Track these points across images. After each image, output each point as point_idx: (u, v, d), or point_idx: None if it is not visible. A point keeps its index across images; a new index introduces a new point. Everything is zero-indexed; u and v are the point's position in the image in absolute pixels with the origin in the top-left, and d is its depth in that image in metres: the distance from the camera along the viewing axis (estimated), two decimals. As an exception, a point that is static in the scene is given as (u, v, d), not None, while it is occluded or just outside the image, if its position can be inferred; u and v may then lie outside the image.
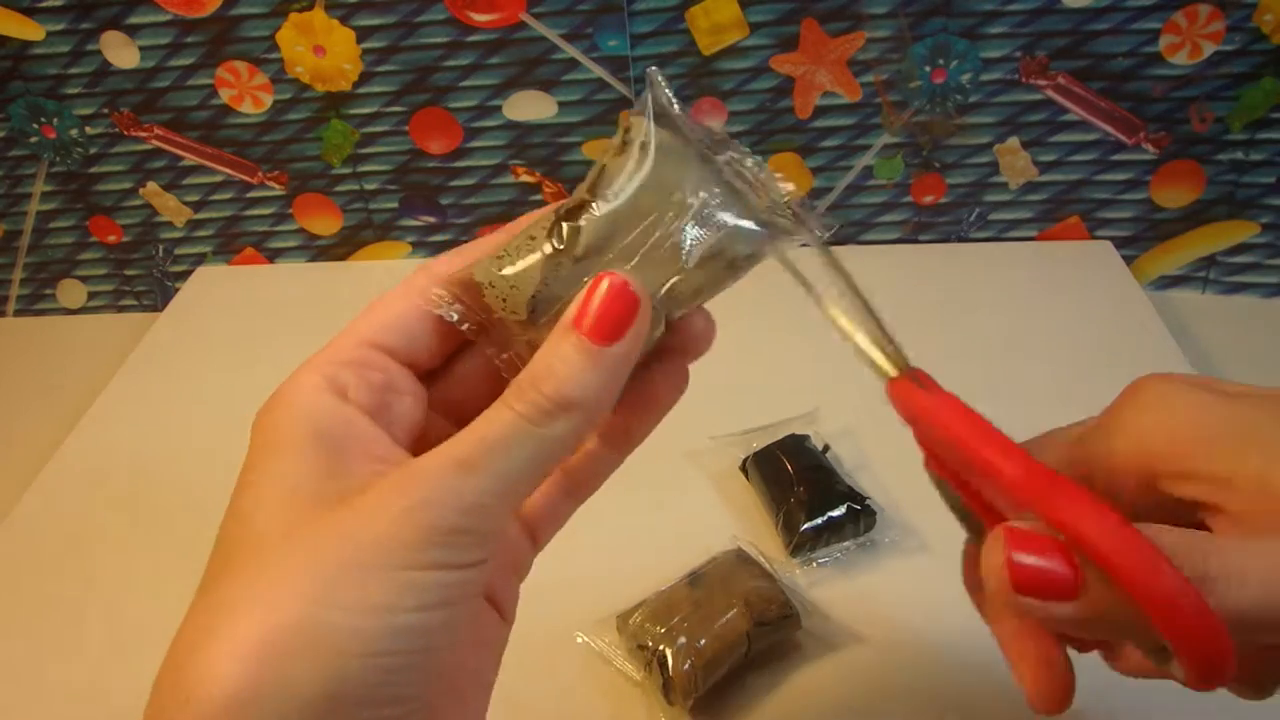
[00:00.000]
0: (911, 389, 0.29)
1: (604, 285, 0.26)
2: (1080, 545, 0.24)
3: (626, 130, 0.29)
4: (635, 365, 0.27)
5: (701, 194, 0.29)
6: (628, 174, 0.28)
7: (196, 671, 0.23)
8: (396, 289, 0.30)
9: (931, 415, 0.28)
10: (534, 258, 0.28)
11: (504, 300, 0.28)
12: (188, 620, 0.25)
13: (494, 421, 0.25)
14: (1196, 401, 0.28)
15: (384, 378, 0.29)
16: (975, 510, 0.30)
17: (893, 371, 0.30)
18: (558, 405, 0.25)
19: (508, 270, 0.28)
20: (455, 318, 0.29)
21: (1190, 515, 0.27)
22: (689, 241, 0.28)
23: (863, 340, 0.30)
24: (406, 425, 0.29)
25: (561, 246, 0.28)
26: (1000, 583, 0.24)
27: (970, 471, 0.28)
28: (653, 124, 0.29)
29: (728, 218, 0.29)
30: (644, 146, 0.29)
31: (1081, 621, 0.24)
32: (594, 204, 0.28)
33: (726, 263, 0.29)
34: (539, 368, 0.26)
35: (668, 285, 0.28)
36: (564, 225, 0.28)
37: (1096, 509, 0.24)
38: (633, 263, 0.28)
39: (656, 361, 0.30)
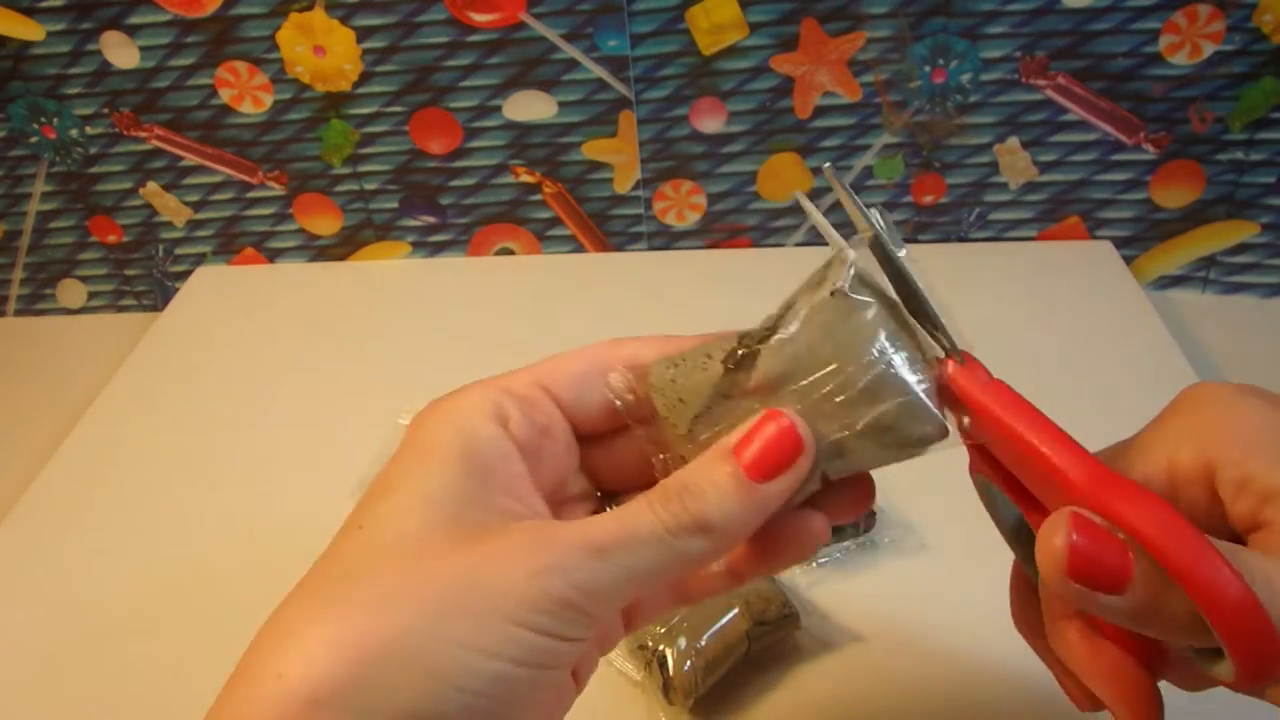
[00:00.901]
0: (971, 376, 0.28)
1: (772, 425, 0.26)
2: (1139, 538, 0.23)
3: (826, 267, 0.29)
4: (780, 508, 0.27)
5: (888, 361, 0.27)
6: (815, 320, 0.27)
7: (297, 652, 0.24)
8: (583, 350, 0.31)
9: (989, 405, 0.27)
10: (705, 378, 0.28)
11: (669, 410, 0.28)
12: (294, 602, 0.26)
13: (634, 519, 0.26)
14: (1259, 408, 0.27)
15: (546, 422, 0.30)
16: (1026, 513, 0.29)
17: (953, 356, 0.28)
18: (698, 525, 0.26)
19: (679, 382, 0.28)
20: (622, 406, 0.30)
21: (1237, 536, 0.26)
22: (852, 403, 0.27)
23: (924, 321, 0.29)
24: (552, 473, 0.30)
25: (734, 372, 0.28)
26: (1056, 566, 0.24)
27: (1019, 464, 0.27)
28: (851, 274, 0.28)
29: (909, 389, 0.27)
30: (837, 294, 0.27)
31: (1130, 614, 0.24)
32: (773, 339, 0.28)
33: (897, 439, 0.27)
34: (690, 482, 0.26)
35: (832, 441, 0.27)
36: (740, 353, 0.28)
37: (1157, 504, 0.24)
38: (801, 407, 0.27)
39: (798, 511, 0.29)
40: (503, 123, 0.75)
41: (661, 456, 0.29)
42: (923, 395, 0.27)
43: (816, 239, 0.79)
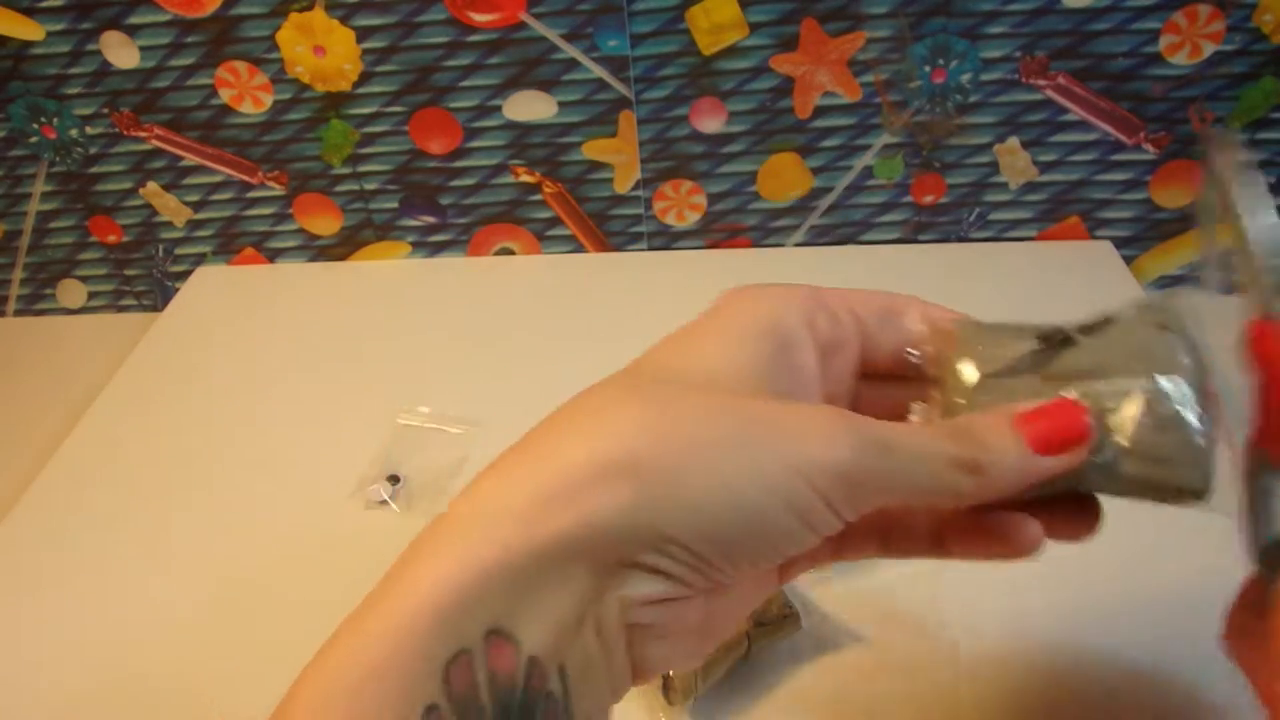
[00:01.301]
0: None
1: (1070, 410, 0.28)
2: None
3: (1166, 297, 0.30)
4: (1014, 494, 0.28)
5: (1186, 402, 0.28)
6: (1136, 337, 0.29)
7: (610, 425, 0.26)
8: (891, 293, 0.32)
9: None
10: (1011, 348, 0.29)
11: (963, 365, 0.30)
12: (604, 388, 0.28)
13: (920, 437, 0.27)
14: None
15: (844, 339, 0.31)
16: None
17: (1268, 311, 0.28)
18: (974, 465, 0.27)
19: (983, 344, 0.30)
20: (917, 355, 0.31)
21: None
22: (1140, 424, 0.28)
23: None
24: (833, 388, 0.31)
25: (1043, 351, 0.29)
26: None
27: None
28: (1186, 319, 0.29)
29: (1195, 433, 0.28)
30: (1162, 326, 0.29)
31: None
32: (1088, 337, 0.29)
33: (1162, 478, 0.28)
34: (977, 429, 0.27)
35: (1104, 451, 0.28)
36: (1059, 337, 0.29)
37: None
38: (1088, 406, 0.28)
39: (1021, 511, 0.29)
40: (503, 123, 0.75)
41: (925, 404, 0.30)
42: (1205, 445, 0.28)
43: (816, 239, 0.79)
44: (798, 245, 0.80)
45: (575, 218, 0.80)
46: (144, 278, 0.85)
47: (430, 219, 0.81)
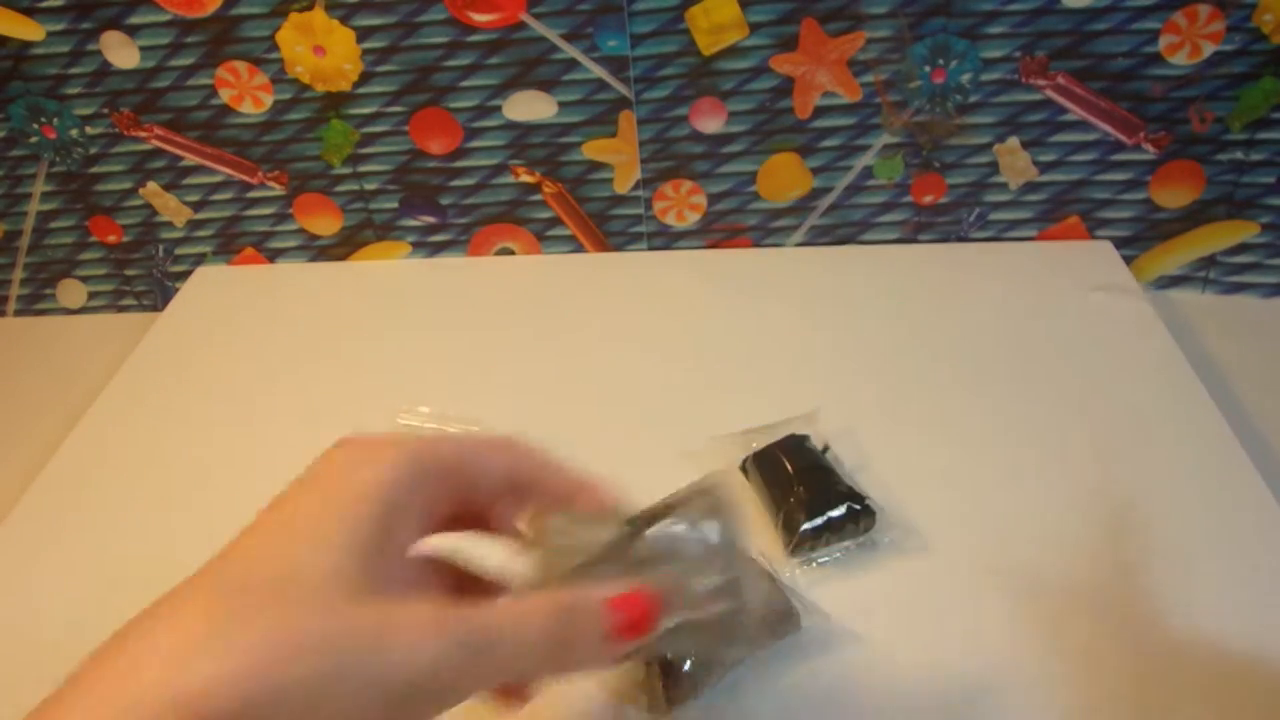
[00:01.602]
0: None
1: (649, 597, 0.31)
2: None
3: (713, 488, 0.35)
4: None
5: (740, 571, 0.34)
6: (699, 523, 0.34)
7: (192, 665, 0.25)
8: (492, 441, 0.33)
9: None
10: (601, 534, 0.33)
11: (557, 555, 0.33)
12: (192, 599, 0.27)
13: (523, 627, 0.29)
14: None
15: (450, 499, 0.32)
16: None
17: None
18: (567, 653, 0.30)
19: (574, 533, 0.33)
20: (526, 533, 0.35)
21: None
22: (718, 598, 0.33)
23: None
24: (431, 528, 0.33)
25: (628, 539, 0.33)
26: None
27: None
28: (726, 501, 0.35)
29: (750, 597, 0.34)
30: (715, 510, 0.34)
31: None
32: (661, 522, 0.34)
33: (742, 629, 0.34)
34: (576, 613, 0.30)
35: (681, 621, 0.32)
36: (636, 523, 0.34)
37: None
38: (666, 587, 0.32)
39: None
40: (503, 123, 0.75)
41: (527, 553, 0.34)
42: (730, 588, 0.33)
43: (816, 239, 0.79)
44: (798, 245, 0.80)
45: (575, 218, 0.80)
46: (144, 278, 0.85)
47: (430, 219, 0.81)
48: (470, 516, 0.34)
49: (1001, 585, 0.50)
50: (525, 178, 0.78)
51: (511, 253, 0.82)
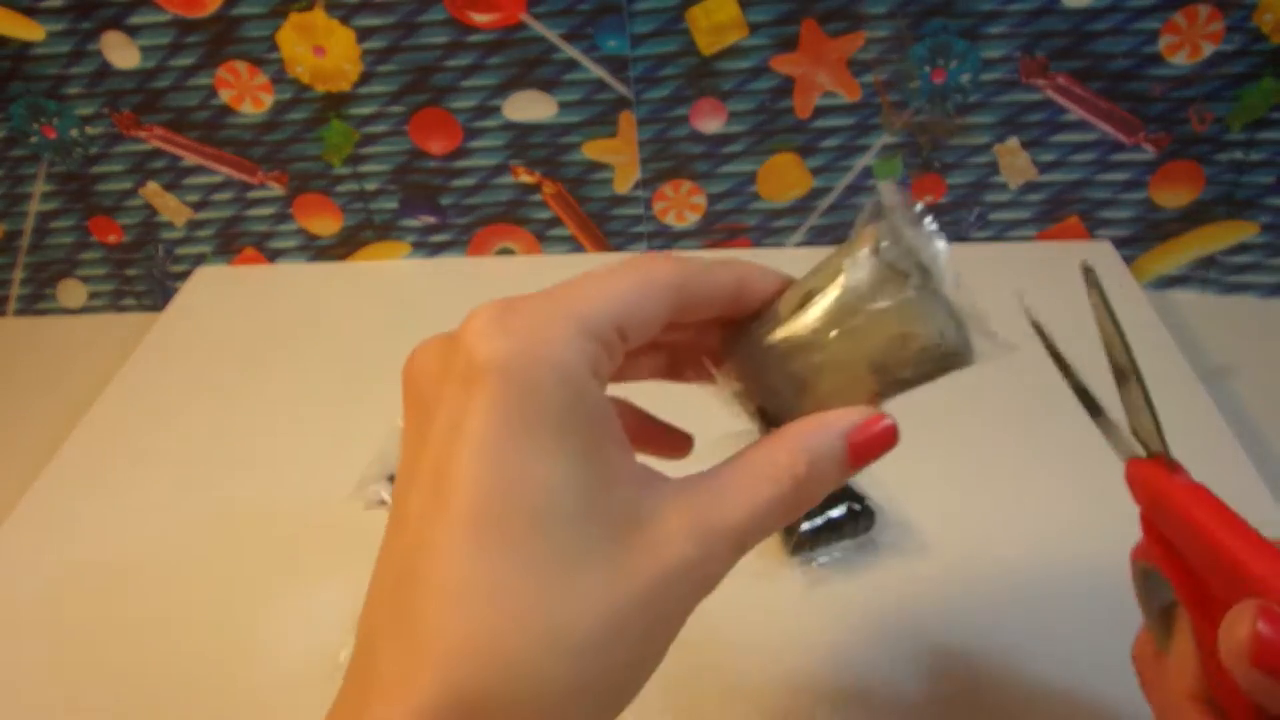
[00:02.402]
0: (1160, 471, 0.30)
1: (887, 425, 0.29)
2: None
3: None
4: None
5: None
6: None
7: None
8: (653, 277, 0.30)
9: (1178, 502, 0.29)
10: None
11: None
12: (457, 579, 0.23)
13: (764, 500, 0.28)
14: None
15: (615, 366, 0.28)
16: (1187, 604, 0.30)
17: (1141, 451, 0.30)
18: (806, 494, 0.28)
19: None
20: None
21: None
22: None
23: (1115, 414, 0.31)
24: (637, 373, 0.32)
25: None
26: (1240, 653, 0.25)
27: (1210, 565, 0.28)
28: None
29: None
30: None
31: None
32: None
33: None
34: (815, 457, 0.28)
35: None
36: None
37: None
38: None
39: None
40: (503, 123, 0.75)
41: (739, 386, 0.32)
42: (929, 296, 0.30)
43: (816, 239, 0.79)
44: (798, 245, 0.80)
45: (575, 218, 0.80)
46: (144, 278, 0.85)
47: (430, 219, 0.81)
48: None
49: (1001, 585, 0.50)
50: (525, 178, 0.78)
51: (511, 253, 0.82)
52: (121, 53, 0.72)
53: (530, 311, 0.26)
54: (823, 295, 0.30)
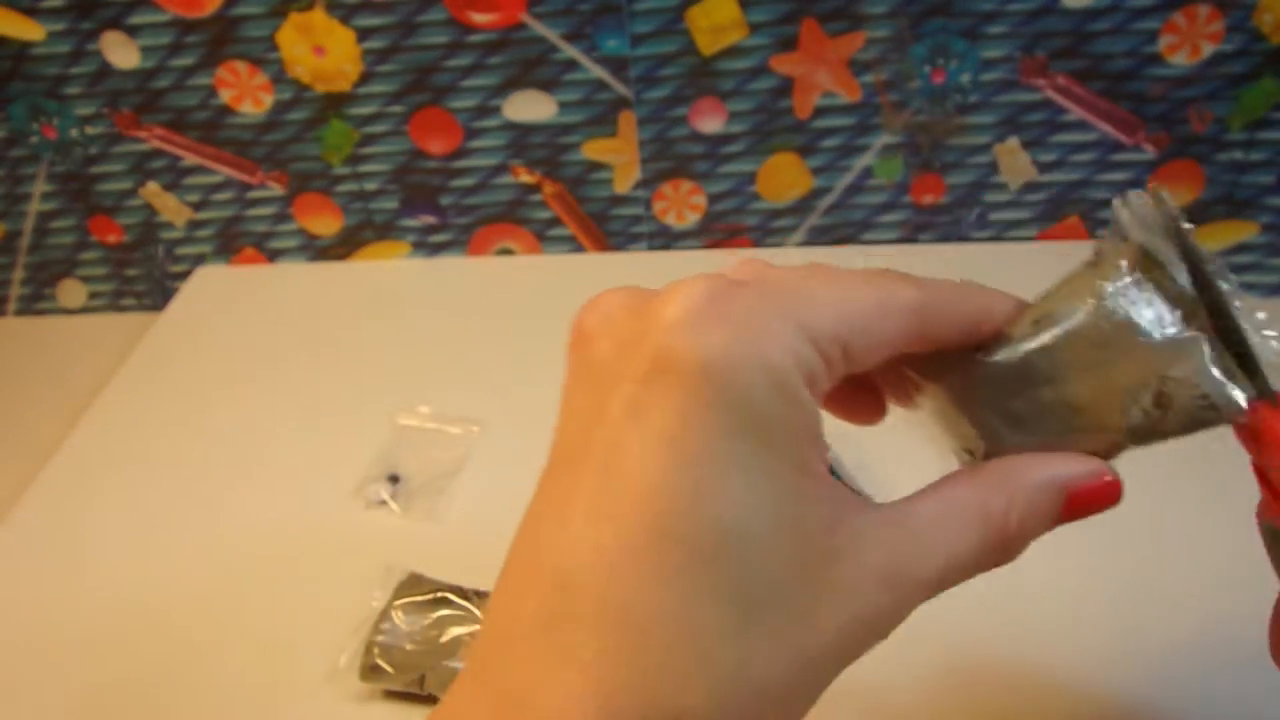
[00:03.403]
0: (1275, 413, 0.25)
1: (1111, 481, 0.26)
2: None
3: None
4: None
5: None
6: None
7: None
8: (893, 296, 0.26)
9: None
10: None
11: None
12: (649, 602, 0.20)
13: (966, 551, 0.25)
14: None
15: (831, 385, 0.25)
16: None
17: (1252, 393, 0.26)
18: (1010, 543, 0.26)
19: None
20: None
21: None
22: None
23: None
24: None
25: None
26: None
27: None
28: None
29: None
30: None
31: None
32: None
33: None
34: (1025, 522, 0.25)
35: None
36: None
37: None
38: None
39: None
40: (503, 123, 0.75)
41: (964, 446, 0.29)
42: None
43: (816, 239, 0.79)
44: (798, 245, 0.80)
45: (575, 218, 0.80)
46: (144, 278, 0.84)
47: (430, 219, 0.81)
48: None
49: (1001, 585, 0.50)
50: (525, 178, 0.78)
51: (511, 253, 0.82)
52: (121, 53, 0.72)
53: (747, 303, 0.23)
54: (1066, 320, 0.27)
